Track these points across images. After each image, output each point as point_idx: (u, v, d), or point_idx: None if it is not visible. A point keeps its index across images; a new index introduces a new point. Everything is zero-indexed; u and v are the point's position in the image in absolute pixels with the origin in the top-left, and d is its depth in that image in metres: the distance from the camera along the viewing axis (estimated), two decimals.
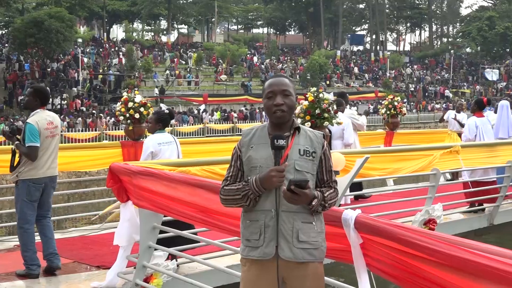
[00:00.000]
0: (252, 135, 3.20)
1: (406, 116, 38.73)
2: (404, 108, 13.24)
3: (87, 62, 45.24)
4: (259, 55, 62.60)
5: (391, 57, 68.76)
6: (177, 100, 42.15)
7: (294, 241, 3.02)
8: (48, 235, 6.29)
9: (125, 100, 9.40)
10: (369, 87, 56.88)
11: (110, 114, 32.48)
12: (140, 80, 44.71)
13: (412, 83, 62.25)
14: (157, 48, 57.38)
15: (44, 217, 6.30)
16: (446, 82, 65.04)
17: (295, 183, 2.91)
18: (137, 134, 9.38)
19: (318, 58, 53.74)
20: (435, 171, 8.21)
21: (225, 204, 3.22)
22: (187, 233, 5.63)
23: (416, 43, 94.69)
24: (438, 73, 68.16)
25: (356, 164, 6.85)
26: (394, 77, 62.82)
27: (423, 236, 2.97)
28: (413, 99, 55.95)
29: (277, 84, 3.18)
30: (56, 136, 6.32)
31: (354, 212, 3.43)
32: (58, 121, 6.44)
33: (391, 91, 50.34)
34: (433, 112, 48.86)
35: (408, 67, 68.14)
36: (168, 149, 6.88)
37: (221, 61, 54.91)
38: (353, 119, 10.73)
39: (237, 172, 3.20)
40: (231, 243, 5.37)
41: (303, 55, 67.87)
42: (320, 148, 3.17)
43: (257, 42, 78.79)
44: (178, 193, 4.78)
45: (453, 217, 9.62)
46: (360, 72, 62.42)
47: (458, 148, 8.88)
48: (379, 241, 3.24)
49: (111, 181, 5.42)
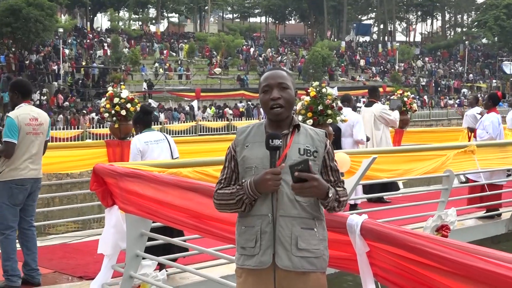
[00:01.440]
0: (247, 133, 3.20)
1: (417, 113, 38.86)
2: (415, 104, 13.26)
3: (69, 54, 45.17)
4: (256, 47, 62.65)
5: (401, 48, 68.81)
6: (167, 96, 42.13)
7: (292, 249, 3.01)
8: (31, 248, 6.25)
9: (110, 95, 9.40)
10: (377, 81, 56.92)
11: (94, 111, 32.44)
12: (126, 73, 44.69)
13: (423, 77, 62.35)
14: (145, 38, 57.38)
15: (28, 225, 6.27)
16: (460, 76, 65.15)
17: (296, 168, 2.87)
18: (124, 132, 9.38)
19: (320, 50, 53.75)
20: (448, 173, 8.21)
21: (219, 209, 3.21)
22: (178, 241, 5.62)
23: (427, 33, 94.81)
24: (452, 66, 68.25)
25: (363, 165, 6.84)
26: (403, 70, 62.90)
27: (435, 243, 2.97)
28: (424, 94, 56.01)
29: (273, 77, 3.18)
30: (41, 135, 6.26)
31: (360, 217, 3.43)
32: (44, 119, 6.34)
33: (401, 85, 50.40)
34: (446, 108, 48.94)
35: (419, 60, 68.25)
36: (157, 148, 6.88)
37: (215, 53, 54.93)
38: (385, 115, 11.11)
39: (232, 174, 3.19)
40: (226, 251, 5.37)
41: (304, 46, 67.90)
42: (323, 148, 3.16)
43: (254, 32, 78.83)
44: (168, 197, 4.77)
45: (468, 223, 9.63)
46: (366, 65, 62.48)
47: (474, 147, 8.89)
48: (387, 249, 3.23)
49: (95, 184, 5.41)
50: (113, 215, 5.64)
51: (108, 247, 5.68)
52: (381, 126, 11.19)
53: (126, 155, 7.53)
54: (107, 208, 5.63)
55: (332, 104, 8.45)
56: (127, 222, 5.47)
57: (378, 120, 11.14)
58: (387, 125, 11.24)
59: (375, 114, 11.12)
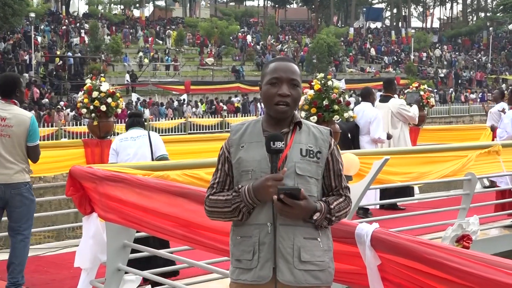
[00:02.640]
0: (242, 132, 3.20)
1: (435, 109, 38.93)
2: (432, 98, 13.26)
3: (42, 42, 45.14)
4: (253, 34, 62.62)
5: (416, 36, 68.90)
6: (153, 89, 42.11)
7: (295, 261, 3.02)
8: (11, 258, 6.32)
9: (88, 88, 9.39)
10: (389, 72, 56.97)
11: (70, 106, 32.39)
12: (107, 64, 44.66)
13: (441, 68, 62.41)
14: (127, 24, 57.35)
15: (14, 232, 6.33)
16: (483, 66, 65.22)
17: (285, 192, 2.91)
18: (103, 130, 9.37)
19: (326, 37, 53.79)
20: (470, 176, 8.23)
21: (211, 217, 3.22)
22: (165, 253, 5.62)
23: (446, 18, 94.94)
24: (474, 56, 68.33)
25: (373, 168, 6.85)
26: (419, 60, 62.96)
27: (456, 256, 2.98)
28: (443, 87, 56.07)
29: (285, 70, 3.17)
30: (7, 137, 6.28)
31: (370, 226, 3.43)
32: (18, 120, 6.33)
33: (416, 77, 50.45)
34: (467, 103, 48.99)
35: (437, 48, 68.31)
36: (133, 144, 6.93)
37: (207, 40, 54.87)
38: (403, 111, 11.03)
39: (225, 178, 3.20)
40: (219, 264, 5.37)
41: (307, 33, 67.94)
42: (327, 148, 3.16)
43: (251, 17, 78.88)
44: (154, 203, 4.78)
45: (492, 233, 9.65)
46: (377, 55, 62.51)
47: (499, 147, 8.89)
48: (401, 262, 3.24)
49: (71, 189, 5.41)
50: (91, 224, 5.64)
51: (86, 260, 5.68)
52: (399, 124, 11.06)
53: (107, 156, 7.54)
54: (85, 216, 5.63)
55: (339, 98, 8.45)
56: (108, 232, 5.47)
57: (395, 117, 11.05)
58: (406, 122, 11.19)
59: (392, 110, 11.00)
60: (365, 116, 10.22)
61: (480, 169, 8.68)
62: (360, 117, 10.12)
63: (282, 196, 2.90)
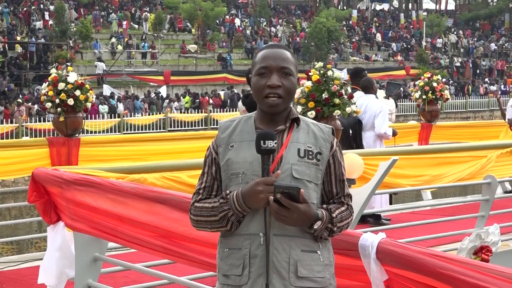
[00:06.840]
0: (232, 130, 3.20)
1: (449, 103, 38.98)
2: (447, 91, 13.29)
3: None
4: (242, 17, 62.56)
5: (429, 19, 68.99)
6: (128, 80, 42.03)
7: (291, 277, 3.02)
8: None
9: (53, 79, 9.37)
10: (398, 61, 57.06)
11: (33, 100, 32.29)
12: (75, 51, 44.54)
13: (457, 56, 62.54)
14: (98, 6, 57.18)
15: None
16: (505, 54, 65.38)
17: (283, 191, 2.90)
18: (71, 127, 9.36)
19: (325, 21, 53.78)
20: (489, 180, 8.25)
21: (197, 226, 3.22)
22: (142, 267, 5.63)
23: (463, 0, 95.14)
24: (495, 42, 68.49)
25: (380, 170, 6.87)
26: (432, 47, 63.07)
27: (473, 270, 2.99)
28: (459, 78, 56.20)
29: (274, 57, 3.17)
30: None
31: (375, 236, 3.45)
32: None
33: (429, 67, 50.54)
34: (486, 96, 49.08)
35: (452, 34, 68.44)
36: None
37: (189, 25, 54.80)
38: None
39: (212, 182, 3.20)
40: (203, 280, 5.37)
41: (304, 16, 67.93)
42: (328, 148, 3.16)
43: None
44: (129, 210, 4.78)
45: None
46: (384, 41, 62.58)
47: None
48: (410, 277, 3.26)
49: (34, 194, 5.41)
50: (58, 235, 5.63)
51: (52, 275, 5.68)
52: None
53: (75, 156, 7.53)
54: (50, 226, 5.63)
55: (340, 91, 8.45)
56: (76, 244, 5.47)
57: None
58: None
59: None
60: (369, 109, 10.13)
61: (501, 172, 8.72)
62: (364, 111, 10.07)
63: (279, 196, 2.89)
